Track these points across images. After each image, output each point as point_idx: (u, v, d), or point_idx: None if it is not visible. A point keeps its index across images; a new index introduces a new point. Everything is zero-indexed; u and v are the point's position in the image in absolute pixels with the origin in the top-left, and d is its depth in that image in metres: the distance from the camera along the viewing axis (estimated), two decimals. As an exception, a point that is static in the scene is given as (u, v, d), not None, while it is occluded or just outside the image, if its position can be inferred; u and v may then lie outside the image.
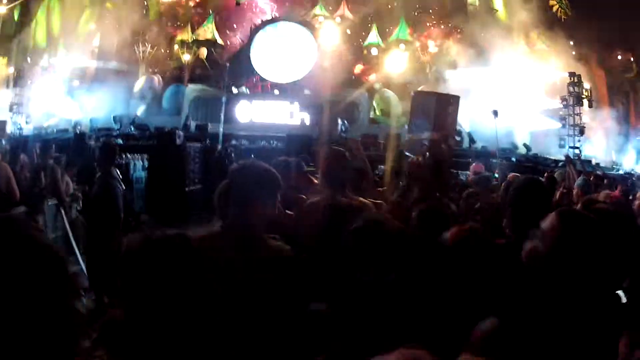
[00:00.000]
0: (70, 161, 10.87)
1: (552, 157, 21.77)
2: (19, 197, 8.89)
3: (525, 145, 23.76)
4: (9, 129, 21.62)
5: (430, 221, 3.85)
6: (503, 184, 5.79)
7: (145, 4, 32.32)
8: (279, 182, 3.40)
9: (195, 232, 3.43)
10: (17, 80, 24.95)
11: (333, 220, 2.84)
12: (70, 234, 9.04)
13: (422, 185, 5.09)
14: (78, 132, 18.39)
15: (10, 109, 23.01)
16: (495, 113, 17.24)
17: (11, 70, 27.47)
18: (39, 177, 9.93)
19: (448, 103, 15.48)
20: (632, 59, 28.96)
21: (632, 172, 20.63)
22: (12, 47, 28.82)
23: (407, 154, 8.81)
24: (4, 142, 15.06)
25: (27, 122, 23.02)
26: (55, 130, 21.87)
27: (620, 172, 20.51)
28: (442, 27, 31.06)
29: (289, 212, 4.48)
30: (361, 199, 4.43)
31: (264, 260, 3.24)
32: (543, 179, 6.87)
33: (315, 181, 5.77)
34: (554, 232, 2.30)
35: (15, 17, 29.47)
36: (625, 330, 2.30)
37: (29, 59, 26.74)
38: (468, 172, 14.64)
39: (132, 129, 20.84)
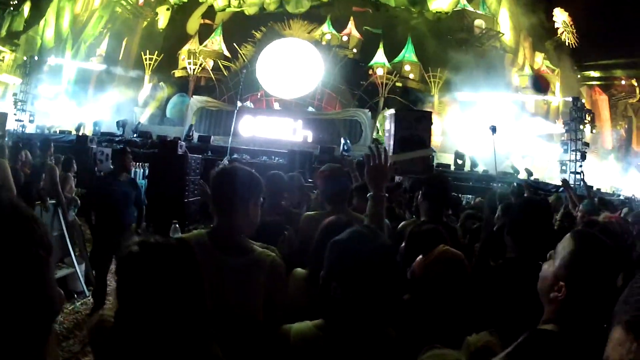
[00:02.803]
0: (69, 162, 10.84)
1: (553, 183, 21.73)
2: (15, 194, 8.81)
3: (526, 169, 23.72)
4: (12, 125, 21.62)
5: (421, 241, 3.77)
6: (501, 205, 5.80)
7: (155, 12, 32.43)
8: (261, 185, 3.43)
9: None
10: (23, 77, 25.03)
11: (331, 235, 2.66)
12: (67, 235, 8.97)
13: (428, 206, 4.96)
14: (80, 134, 18.41)
15: (15, 105, 23.05)
16: (494, 129, 17.22)
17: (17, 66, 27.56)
18: (38, 176, 9.89)
19: (426, 119, 15.65)
20: (635, 84, 28.99)
21: (632, 198, 20.56)
22: (19, 43, 28.85)
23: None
24: (6, 138, 15.05)
25: (30, 121, 23.03)
26: (58, 130, 21.81)
27: (621, 197, 20.45)
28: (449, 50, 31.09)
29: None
30: (361, 216, 4.21)
31: (247, 264, 3.26)
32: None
33: (312, 196, 5.91)
34: (571, 253, 2.34)
35: (25, 14, 29.45)
36: None
37: (36, 57, 26.73)
38: (469, 196, 14.58)
39: (135, 135, 20.80)
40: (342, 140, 22.64)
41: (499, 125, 20.11)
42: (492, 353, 1.50)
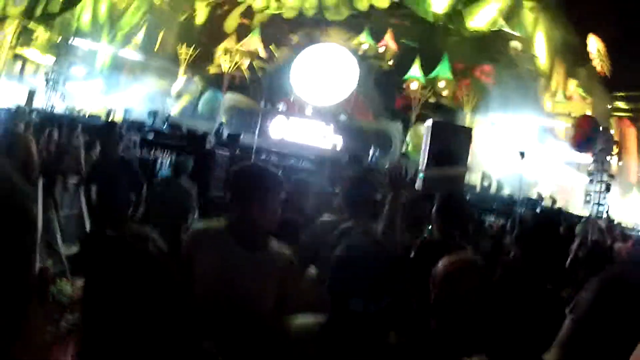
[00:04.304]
0: (92, 144, 10.78)
1: (576, 213, 21.32)
2: (38, 172, 8.75)
3: (551, 197, 23.29)
4: (42, 104, 21.57)
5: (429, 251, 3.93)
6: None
7: (194, 7, 32.45)
8: (280, 183, 3.57)
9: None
10: (57, 57, 25.11)
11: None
12: (86, 215, 8.83)
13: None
14: (110, 120, 18.32)
15: (47, 84, 23.07)
16: (522, 154, 16.92)
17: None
18: (63, 155, 9.86)
19: (465, 135, 15.30)
20: None
21: None
22: (54, 24, 28.89)
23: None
24: (33, 115, 15.03)
25: (62, 101, 23.04)
26: (87, 114, 21.79)
27: (640, 232, 20.06)
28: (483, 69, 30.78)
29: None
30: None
31: (265, 259, 3.41)
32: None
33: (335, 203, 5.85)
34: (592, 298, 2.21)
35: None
36: None
37: (71, 40, 26.82)
38: (492, 218, 14.23)
39: (165, 126, 20.77)
40: (372, 151, 22.37)
41: (528, 149, 19.87)
42: None
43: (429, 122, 17.18)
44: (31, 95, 20.78)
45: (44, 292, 1.57)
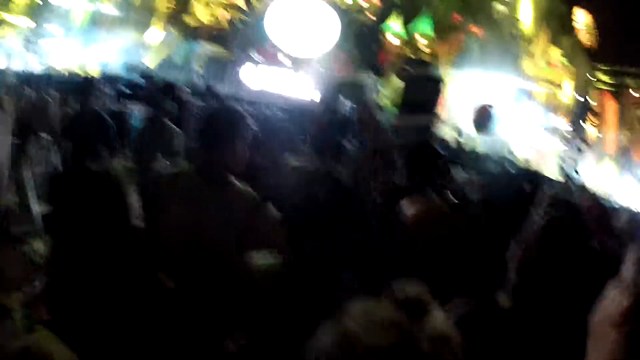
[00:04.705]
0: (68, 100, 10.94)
1: (552, 177, 21.69)
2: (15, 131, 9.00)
3: (525, 159, 23.54)
4: (21, 65, 21.62)
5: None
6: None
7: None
8: (248, 126, 3.62)
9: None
10: (35, 19, 24.96)
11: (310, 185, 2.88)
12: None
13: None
14: (86, 75, 18.48)
15: (25, 46, 23.07)
16: (491, 107, 17.06)
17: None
18: (38, 112, 10.05)
19: (435, 84, 15.43)
20: None
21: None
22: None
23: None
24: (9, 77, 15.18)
25: (40, 62, 23.03)
26: (66, 72, 21.83)
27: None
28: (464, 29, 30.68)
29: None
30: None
31: (231, 199, 3.51)
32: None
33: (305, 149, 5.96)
34: None
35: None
36: None
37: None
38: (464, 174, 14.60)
39: (140, 78, 20.81)
40: (346, 102, 22.56)
41: (503, 109, 19.99)
42: (423, 307, 1.37)
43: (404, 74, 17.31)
44: (9, 57, 20.76)
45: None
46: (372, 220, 4.44)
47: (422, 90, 17.00)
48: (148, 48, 28.87)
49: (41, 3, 26.25)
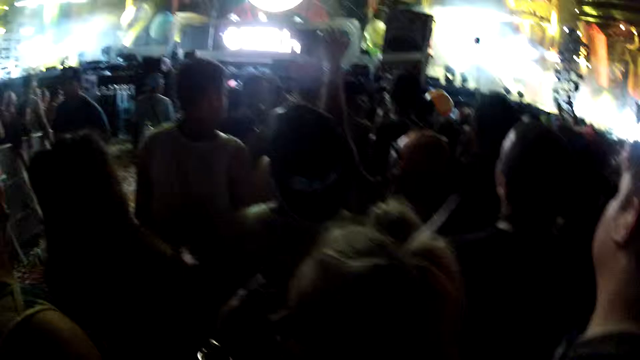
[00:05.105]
0: (54, 93, 10.90)
1: (546, 109, 21.64)
2: (3, 134, 9.07)
3: (518, 92, 23.62)
4: None
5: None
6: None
7: None
8: (222, 74, 3.62)
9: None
10: (5, 25, 24.69)
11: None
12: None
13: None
14: (66, 67, 18.38)
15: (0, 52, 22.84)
16: (478, 40, 16.84)
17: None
18: (24, 113, 10.09)
19: (422, 21, 15.17)
20: (634, 32, 28.15)
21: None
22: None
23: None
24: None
25: (16, 66, 22.87)
26: (44, 68, 21.72)
27: (613, 137, 20.29)
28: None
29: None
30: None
31: (213, 150, 3.52)
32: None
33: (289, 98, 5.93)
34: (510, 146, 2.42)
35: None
36: None
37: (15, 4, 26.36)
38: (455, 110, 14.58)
39: (120, 59, 20.72)
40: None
41: (488, 41, 19.68)
42: (408, 227, 1.26)
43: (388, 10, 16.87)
44: None
45: None
46: (372, 155, 4.54)
47: (408, 26, 16.70)
48: (123, 28, 28.55)
49: (7, 8, 25.86)
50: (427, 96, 7.20)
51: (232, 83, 9.18)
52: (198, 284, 2.55)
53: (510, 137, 2.35)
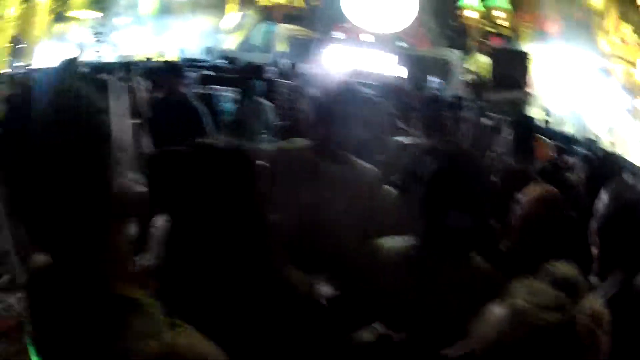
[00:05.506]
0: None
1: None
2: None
3: (611, 142, 22.53)
4: (90, 56, 21.49)
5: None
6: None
7: None
8: (365, 104, 3.65)
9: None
10: (101, 10, 25.10)
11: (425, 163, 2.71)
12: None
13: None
14: (169, 61, 18.23)
15: (95, 37, 23.02)
16: (576, 94, 16.31)
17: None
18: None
19: (524, 59, 14.79)
20: None
21: None
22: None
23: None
24: (84, 68, 14.89)
25: (113, 52, 23.01)
26: (145, 58, 21.71)
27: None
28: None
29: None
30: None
31: (353, 177, 3.44)
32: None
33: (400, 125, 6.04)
34: None
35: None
36: None
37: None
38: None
39: (222, 61, 20.63)
40: (433, 79, 21.81)
41: (582, 84, 19.14)
42: (578, 288, 1.52)
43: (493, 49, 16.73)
44: (80, 50, 20.85)
45: (123, 208, 1.52)
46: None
47: (511, 65, 16.70)
48: (224, 32, 28.98)
49: None
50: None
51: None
52: (333, 316, 2.57)
53: (604, 198, 2.48)
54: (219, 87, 14.92)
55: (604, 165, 4.65)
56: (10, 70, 21.66)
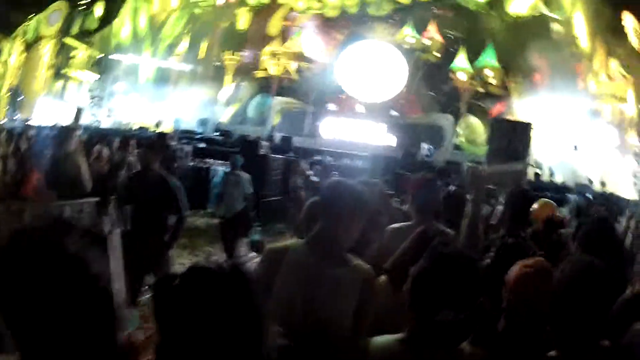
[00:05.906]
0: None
1: (627, 198, 20.59)
2: (90, 189, 8.56)
3: (601, 182, 22.68)
4: (87, 119, 21.55)
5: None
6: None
7: (235, 13, 32.36)
8: (366, 203, 3.51)
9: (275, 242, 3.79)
10: (100, 73, 25.25)
11: (421, 247, 2.84)
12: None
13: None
14: (160, 131, 18.29)
15: (92, 100, 23.18)
16: (576, 148, 16.51)
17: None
18: (117, 172, 9.73)
19: (524, 130, 14.87)
20: None
21: None
22: (93, 41, 29.09)
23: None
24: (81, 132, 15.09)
25: (108, 116, 23.12)
26: (137, 126, 21.83)
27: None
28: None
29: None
30: (448, 230, 4.48)
31: (345, 274, 3.33)
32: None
33: (394, 205, 5.93)
34: None
35: (97, 13, 29.86)
36: None
37: (112, 56, 27.05)
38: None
39: (216, 134, 20.74)
40: (425, 146, 22.03)
41: (577, 135, 19.13)
42: None
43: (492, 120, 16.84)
44: (78, 112, 20.92)
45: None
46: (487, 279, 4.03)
47: (511, 136, 16.81)
48: (219, 102, 29.15)
49: (105, 58, 26.56)
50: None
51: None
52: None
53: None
54: (211, 160, 15.07)
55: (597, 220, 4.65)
56: (8, 120, 21.81)
